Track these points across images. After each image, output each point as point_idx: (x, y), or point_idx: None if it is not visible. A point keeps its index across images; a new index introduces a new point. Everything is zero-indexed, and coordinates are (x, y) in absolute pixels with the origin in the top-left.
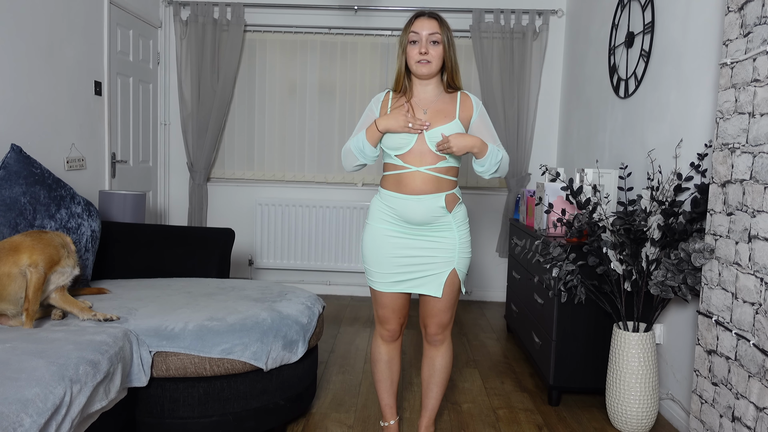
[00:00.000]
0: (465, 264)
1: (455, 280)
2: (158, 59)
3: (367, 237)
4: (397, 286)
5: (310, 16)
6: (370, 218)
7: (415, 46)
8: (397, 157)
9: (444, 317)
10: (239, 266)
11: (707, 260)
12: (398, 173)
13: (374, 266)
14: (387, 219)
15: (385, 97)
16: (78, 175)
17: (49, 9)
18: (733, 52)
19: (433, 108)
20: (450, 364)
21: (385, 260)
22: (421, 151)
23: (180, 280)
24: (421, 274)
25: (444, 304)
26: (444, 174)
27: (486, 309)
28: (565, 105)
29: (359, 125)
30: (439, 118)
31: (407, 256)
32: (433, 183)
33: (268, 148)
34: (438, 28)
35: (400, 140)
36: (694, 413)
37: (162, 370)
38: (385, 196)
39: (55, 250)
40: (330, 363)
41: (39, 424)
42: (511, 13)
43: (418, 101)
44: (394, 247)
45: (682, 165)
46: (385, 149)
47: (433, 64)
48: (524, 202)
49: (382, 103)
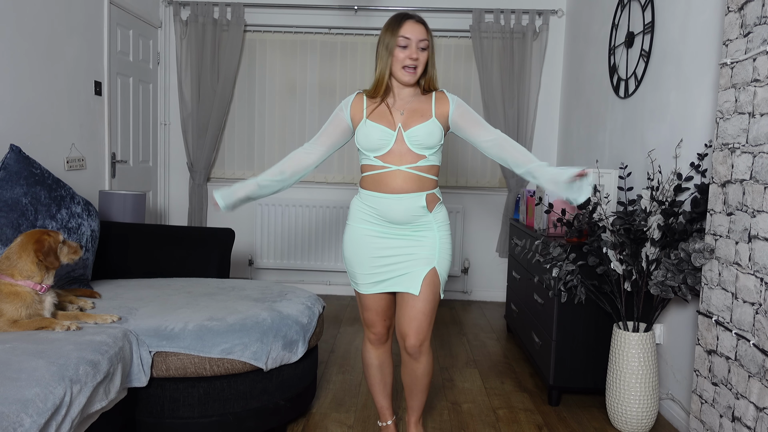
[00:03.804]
0: (445, 266)
1: (435, 280)
2: (158, 59)
3: (347, 238)
4: (377, 286)
5: (310, 16)
6: (350, 219)
7: (405, 51)
8: (377, 158)
9: (423, 321)
10: (239, 266)
11: (707, 260)
12: (378, 173)
13: (356, 267)
14: (367, 219)
15: (356, 99)
16: (78, 175)
17: (49, 9)
18: (733, 52)
19: (408, 108)
20: (431, 369)
21: (366, 260)
22: (400, 152)
23: (180, 280)
24: (400, 272)
25: (423, 305)
26: (425, 173)
27: (486, 309)
28: (565, 105)
29: (326, 126)
30: (416, 118)
31: (387, 255)
32: (414, 182)
33: (268, 148)
34: (426, 35)
35: (379, 141)
36: (694, 413)
37: (162, 370)
38: (365, 196)
39: (9, 300)
40: (330, 363)
41: (39, 424)
42: (511, 13)
43: (393, 102)
44: (375, 248)
45: (682, 165)
46: (363, 151)
47: (419, 70)
48: (524, 202)
49: (353, 106)
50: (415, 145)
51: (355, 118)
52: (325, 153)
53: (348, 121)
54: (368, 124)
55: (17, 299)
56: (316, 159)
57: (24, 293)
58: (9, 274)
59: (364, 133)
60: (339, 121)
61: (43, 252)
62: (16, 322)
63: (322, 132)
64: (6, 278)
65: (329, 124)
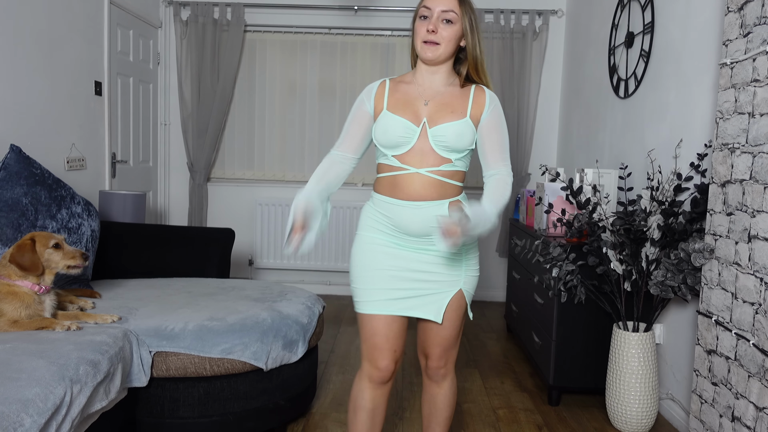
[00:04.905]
0: (472, 284)
1: (461, 303)
2: (158, 59)
3: (356, 249)
4: (390, 305)
5: (310, 16)
6: (360, 228)
7: (424, 23)
8: (395, 158)
9: (449, 348)
10: (239, 266)
11: (707, 260)
12: (394, 175)
13: (363, 283)
14: (380, 228)
15: (380, 87)
16: (78, 175)
17: (49, 9)
18: (732, 52)
19: (437, 101)
20: (454, 401)
21: (376, 274)
22: (422, 150)
23: (180, 280)
24: (419, 293)
25: (448, 332)
26: (448, 178)
27: (486, 309)
28: (565, 105)
29: (348, 126)
30: (444, 113)
31: (403, 269)
32: (435, 188)
33: (268, 148)
34: (456, 6)
35: (399, 138)
36: (693, 413)
37: (162, 370)
38: (378, 202)
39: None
40: (330, 363)
41: (39, 424)
42: (511, 13)
43: (422, 91)
44: (388, 258)
45: (682, 165)
46: (380, 147)
47: (442, 47)
48: (524, 202)
49: (377, 94)
50: (441, 146)
51: (377, 110)
52: (356, 159)
53: (371, 114)
54: (388, 116)
55: (16, 299)
56: (351, 166)
57: (22, 294)
58: (6, 274)
59: (382, 127)
60: (362, 116)
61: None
62: (16, 322)
63: (345, 134)
64: (4, 279)
65: (351, 122)
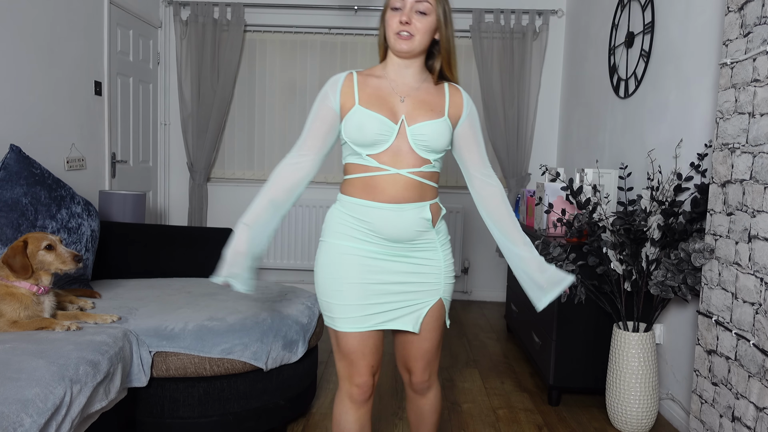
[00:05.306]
0: (450, 291)
1: (441, 312)
2: (158, 59)
3: (323, 259)
4: (365, 321)
5: (310, 16)
6: (326, 235)
7: (396, 14)
8: (370, 157)
9: (430, 360)
10: None
11: (707, 260)
12: (370, 176)
13: (335, 297)
14: (353, 235)
15: (347, 79)
16: (78, 175)
17: (49, 9)
18: (733, 52)
19: (414, 97)
20: (440, 406)
21: (349, 288)
22: (400, 150)
23: (180, 280)
24: (399, 305)
25: (429, 344)
26: (428, 179)
27: (486, 309)
28: (565, 105)
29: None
30: (423, 111)
31: (384, 282)
32: (416, 190)
33: (268, 148)
34: None
35: (376, 135)
36: (694, 413)
37: (162, 370)
38: (350, 206)
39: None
40: (330, 363)
41: (39, 424)
42: (511, 13)
43: (395, 86)
44: (363, 270)
45: (682, 165)
46: (353, 146)
47: (416, 39)
48: (524, 202)
49: (343, 88)
50: (420, 145)
51: (345, 105)
52: (317, 160)
53: (337, 110)
54: (361, 111)
55: (14, 300)
56: (309, 170)
57: (20, 295)
58: (5, 275)
59: (356, 123)
60: (326, 112)
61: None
62: (15, 323)
63: (307, 133)
64: (3, 280)
65: (314, 119)
